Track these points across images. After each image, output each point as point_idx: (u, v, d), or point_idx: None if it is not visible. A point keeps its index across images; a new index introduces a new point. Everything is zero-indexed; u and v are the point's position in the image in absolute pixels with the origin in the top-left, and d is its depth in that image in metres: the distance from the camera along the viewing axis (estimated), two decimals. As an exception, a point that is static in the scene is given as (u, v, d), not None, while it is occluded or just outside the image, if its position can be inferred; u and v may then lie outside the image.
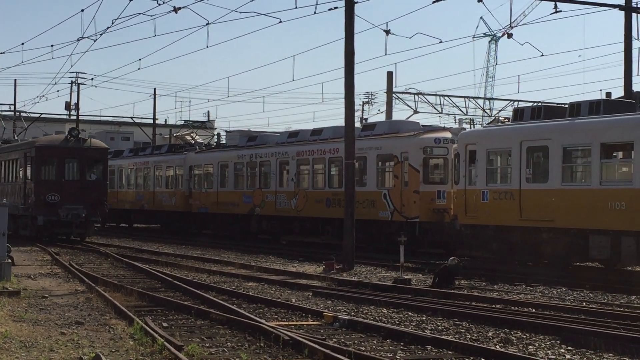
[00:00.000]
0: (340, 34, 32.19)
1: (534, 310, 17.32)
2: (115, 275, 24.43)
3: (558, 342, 13.75)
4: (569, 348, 13.32)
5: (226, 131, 58.77)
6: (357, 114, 77.92)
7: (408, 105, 49.93)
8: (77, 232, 39.23)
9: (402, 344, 13.60)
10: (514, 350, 12.99)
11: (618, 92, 39.24)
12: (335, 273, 25.13)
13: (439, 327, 15.23)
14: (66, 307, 17.66)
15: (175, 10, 30.60)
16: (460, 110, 52.59)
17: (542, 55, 38.68)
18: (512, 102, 53.30)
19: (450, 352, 12.87)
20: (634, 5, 35.11)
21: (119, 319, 15.85)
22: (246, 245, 37.00)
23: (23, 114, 64.14)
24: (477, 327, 15.16)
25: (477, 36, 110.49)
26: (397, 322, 15.80)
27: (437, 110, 51.60)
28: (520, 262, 27.56)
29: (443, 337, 13.83)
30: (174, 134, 72.95)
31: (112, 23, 31.66)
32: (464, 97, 53.39)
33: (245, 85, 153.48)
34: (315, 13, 29.67)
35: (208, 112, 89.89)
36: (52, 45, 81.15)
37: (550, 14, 32.48)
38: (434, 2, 30.21)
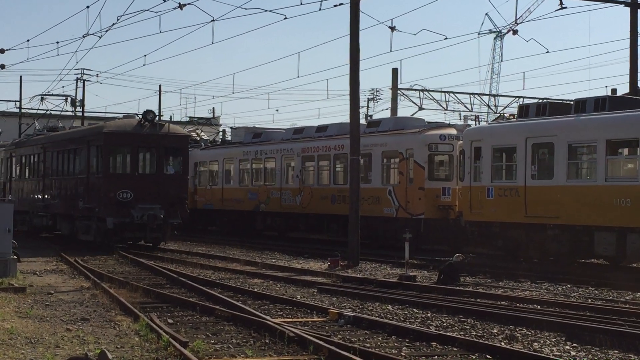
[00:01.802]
0: (345, 30, 32.18)
1: (539, 307, 17.32)
2: (120, 272, 24.48)
3: (563, 338, 13.74)
4: (574, 345, 13.32)
5: (231, 128, 58.67)
6: (362, 111, 77.97)
7: (413, 102, 49.84)
8: (152, 237, 32.98)
9: (407, 340, 13.60)
10: (519, 347, 12.99)
11: (623, 89, 39.20)
12: (340, 270, 25.14)
13: (444, 324, 15.23)
14: (72, 304, 17.69)
15: (181, 6, 30.59)
16: (466, 106, 52.51)
17: (548, 52, 38.70)
18: (517, 98, 53.19)
19: (455, 349, 12.87)
20: (639, 1, 35.02)
21: (125, 316, 15.88)
22: (251, 242, 37.02)
23: (29, 110, 62.96)
24: (482, 324, 15.16)
25: (483, 33, 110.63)
26: (402, 319, 15.80)
27: (442, 107, 51.52)
28: (526, 259, 27.53)
29: (448, 333, 13.83)
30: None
31: (118, 19, 31.60)
32: (469, 93, 53.31)
33: (250, 82, 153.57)
34: (320, 10, 29.63)
35: (213, 108, 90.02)
36: (57, 42, 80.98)
37: (556, 10, 32.44)
38: (439, -1, 30.14)
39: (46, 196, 38.57)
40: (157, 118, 33.44)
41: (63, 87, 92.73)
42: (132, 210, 31.78)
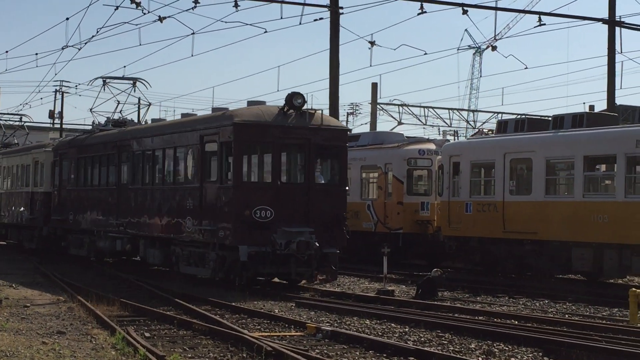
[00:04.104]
0: (326, 44, 32.28)
1: (516, 322, 17.34)
2: (98, 285, 24.30)
3: (540, 354, 13.76)
4: (551, 360, 13.34)
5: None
6: (342, 125, 77.76)
7: (392, 117, 49.96)
8: (299, 271, 22.86)
9: (385, 355, 13.58)
10: (497, 362, 12.99)
11: (601, 105, 39.48)
12: (318, 284, 25.09)
13: (422, 339, 15.23)
14: (48, 317, 17.57)
15: (161, 19, 30.64)
16: (445, 122, 52.70)
17: (526, 68, 38.83)
18: (496, 114, 53.46)
19: (432, 364, 12.85)
20: (617, 19, 35.34)
21: (101, 329, 15.79)
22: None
23: (7, 122, 60.50)
24: (459, 339, 15.16)
25: (462, 48, 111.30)
26: (380, 334, 15.79)
27: (422, 122, 51.69)
28: (504, 274, 27.60)
29: (426, 348, 13.82)
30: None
31: (97, 32, 31.51)
32: (448, 108, 53.54)
33: (230, 95, 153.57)
34: (300, 24, 29.78)
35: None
36: (36, 54, 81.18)
37: (535, 27, 32.70)
38: (419, 14, 30.36)
39: (123, 211, 28.84)
40: (305, 104, 23.64)
41: (42, 98, 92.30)
42: (274, 235, 22.44)
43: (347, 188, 24.88)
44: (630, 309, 17.75)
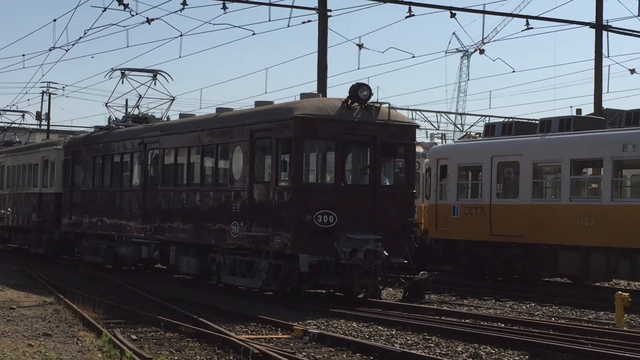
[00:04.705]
0: (314, 47, 32.28)
1: (503, 325, 17.37)
2: (84, 287, 24.21)
3: (527, 357, 13.79)
4: (538, 363, 13.36)
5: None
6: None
7: (380, 120, 49.91)
8: (363, 284, 20.79)
9: (371, 358, 13.59)
10: (483, 365, 13.01)
11: (588, 109, 39.57)
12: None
13: (409, 342, 15.24)
14: (34, 319, 17.50)
15: (149, 21, 30.60)
16: (432, 125, 52.78)
17: (514, 71, 39.11)
18: (483, 117, 53.56)
19: (419, 367, 12.86)
20: (604, 23, 35.47)
21: (87, 331, 15.74)
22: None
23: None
24: (446, 342, 15.18)
25: (450, 51, 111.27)
26: (367, 336, 15.79)
27: (409, 125, 51.65)
28: (490, 277, 27.65)
29: (413, 351, 13.83)
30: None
31: (85, 33, 31.46)
32: (436, 111, 53.60)
33: (218, 98, 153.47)
34: (288, 26, 29.73)
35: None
36: (23, 55, 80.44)
37: (522, 31, 32.87)
38: (407, 17, 30.42)
39: (150, 215, 26.37)
40: (371, 97, 21.40)
41: (29, 100, 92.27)
42: (337, 243, 20.20)
43: (414, 191, 22.75)
44: (616, 312, 17.82)
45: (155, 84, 32.48)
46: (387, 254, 20.12)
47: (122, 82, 32.63)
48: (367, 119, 21.09)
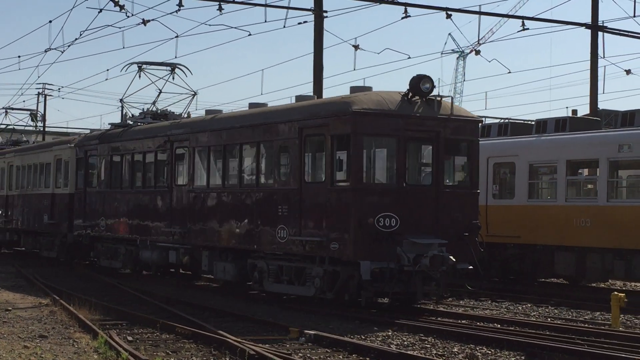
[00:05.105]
0: (310, 48, 32.26)
1: (499, 326, 17.38)
2: (80, 289, 24.19)
3: (523, 357, 13.80)
4: (534, 364, 13.37)
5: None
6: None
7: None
8: (427, 291, 19.17)
9: (367, 359, 13.59)
10: (479, 366, 13.01)
11: (584, 110, 39.59)
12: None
13: (405, 343, 15.24)
14: (30, 321, 17.49)
15: (144, 22, 30.56)
16: (428, 125, 52.80)
17: (510, 72, 39.12)
18: (479, 118, 53.62)
19: (415, 368, 12.86)
20: (600, 23, 35.50)
21: (83, 333, 15.73)
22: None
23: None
24: (442, 343, 15.18)
25: (445, 52, 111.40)
26: (363, 337, 15.79)
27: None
28: (487, 278, 27.64)
29: (409, 352, 13.84)
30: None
31: (80, 35, 31.32)
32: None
33: (214, 99, 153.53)
34: (284, 27, 29.77)
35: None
36: (19, 56, 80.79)
37: (518, 32, 32.87)
38: (402, 18, 30.43)
39: (179, 217, 24.56)
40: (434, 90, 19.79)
41: (24, 101, 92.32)
42: (400, 248, 18.63)
43: (479, 191, 20.91)
44: (612, 312, 17.84)
45: (173, 78, 30.98)
46: (454, 259, 18.63)
47: (140, 77, 31.11)
48: (429, 114, 19.55)
